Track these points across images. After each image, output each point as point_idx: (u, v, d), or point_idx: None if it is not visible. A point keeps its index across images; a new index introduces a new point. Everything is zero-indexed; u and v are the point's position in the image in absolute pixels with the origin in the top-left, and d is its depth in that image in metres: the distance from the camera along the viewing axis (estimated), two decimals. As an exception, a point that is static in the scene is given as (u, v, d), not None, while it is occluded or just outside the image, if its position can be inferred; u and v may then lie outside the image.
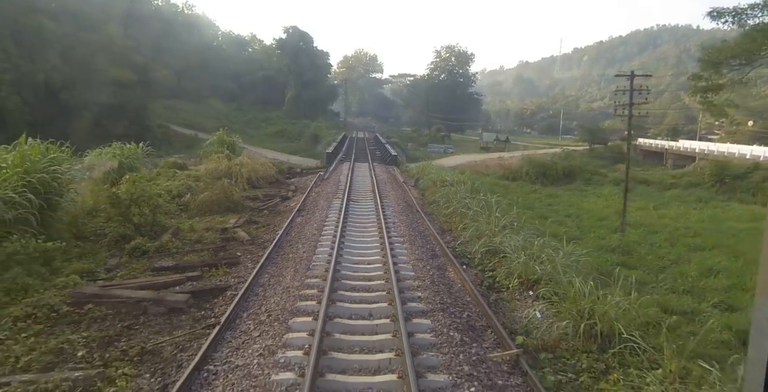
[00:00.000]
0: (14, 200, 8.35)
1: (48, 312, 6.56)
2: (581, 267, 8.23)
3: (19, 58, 39.13)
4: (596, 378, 5.26)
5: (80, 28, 43.15)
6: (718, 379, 4.62)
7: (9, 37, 38.81)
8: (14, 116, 36.90)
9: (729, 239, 17.00)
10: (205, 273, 8.35)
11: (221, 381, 4.62)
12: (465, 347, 5.36)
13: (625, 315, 6.20)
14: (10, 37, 38.87)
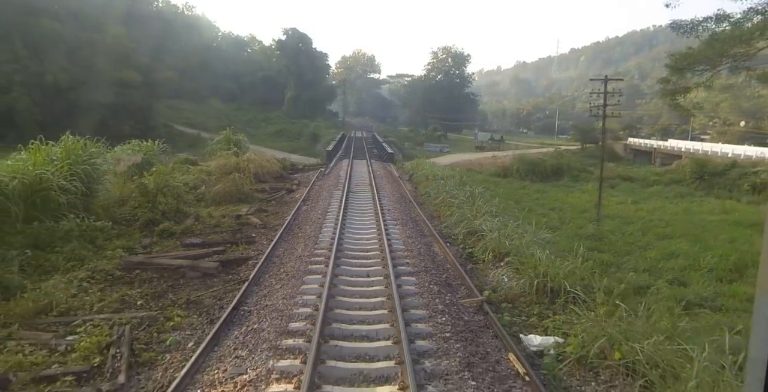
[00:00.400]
0: (66, 187, 9.84)
1: (105, 275, 8.05)
2: (544, 243, 9.75)
3: (29, 59, 40.52)
4: (543, 319, 6.79)
5: (86, 30, 44.55)
6: (628, 314, 6.16)
7: (18, 39, 40.19)
8: (24, 116, 38.28)
9: (696, 229, 18.56)
10: (228, 249, 9.86)
11: (255, 315, 6.14)
12: (441, 295, 6.90)
13: (572, 275, 7.75)
14: (19, 39, 40.25)
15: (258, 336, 5.44)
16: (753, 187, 28.57)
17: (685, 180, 32.18)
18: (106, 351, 5.38)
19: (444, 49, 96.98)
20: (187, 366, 4.81)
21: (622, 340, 5.49)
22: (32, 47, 40.86)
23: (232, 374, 4.64)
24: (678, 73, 16.15)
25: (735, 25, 14.37)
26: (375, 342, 5.35)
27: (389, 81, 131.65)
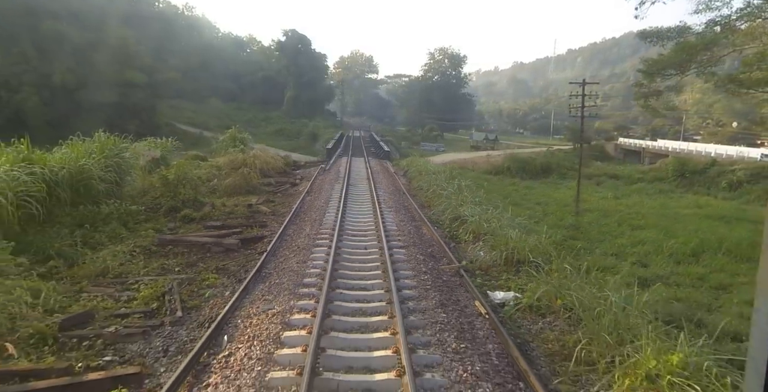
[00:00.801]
0: (103, 176, 11.33)
1: (144, 249, 9.55)
2: (518, 226, 11.30)
3: (37, 60, 41.85)
4: (508, 282, 8.32)
5: (92, 32, 45.87)
6: (570, 270, 7.71)
7: (27, 41, 41.50)
8: (33, 115, 39.63)
9: (667, 221, 20.15)
10: (244, 230, 11.35)
11: (275, 274, 7.66)
12: (426, 263, 8.44)
13: (536, 249, 9.29)
14: (28, 41, 41.56)
15: (280, 287, 6.96)
16: (729, 184, 30.23)
17: (667, 178, 33.83)
18: (161, 299, 6.90)
19: (441, 50, 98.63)
20: (227, 306, 6.33)
21: (564, 292, 7.03)
22: (40, 48, 42.17)
23: (264, 309, 6.16)
24: (649, 78, 17.70)
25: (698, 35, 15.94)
26: (371, 291, 6.89)
27: (387, 81, 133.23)
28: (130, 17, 56.33)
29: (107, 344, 5.65)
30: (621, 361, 5.05)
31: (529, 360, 5.33)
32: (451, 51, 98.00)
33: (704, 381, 4.40)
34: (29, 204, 8.97)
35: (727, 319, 7.09)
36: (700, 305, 10.40)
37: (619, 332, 5.62)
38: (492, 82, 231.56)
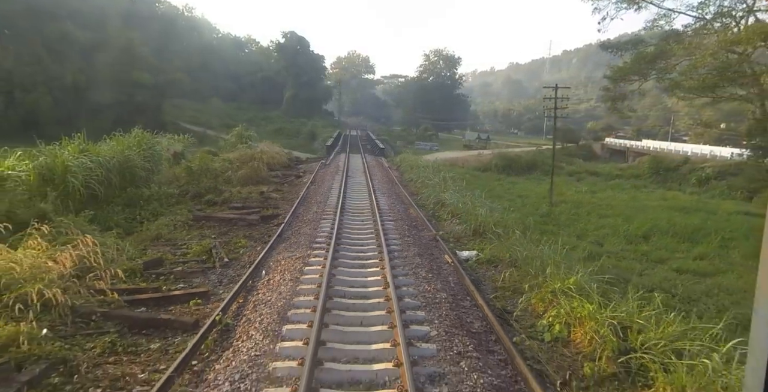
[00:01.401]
0: (143, 165, 13.57)
1: (183, 223, 11.78)
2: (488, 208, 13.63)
3: (50, 62, 43.88)
4: (473, 244, 10.63)
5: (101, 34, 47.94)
6: (520, 236, 10.02)
7: (40, 43, 43.54)
8: (46, 113, 41.66)
9: (631, 211, 22.53)
10: (262, 210, 13.62)
11: (293, 237, 9.95)
12: (410, 232, 10.75)
13: (499, 223, 11.61)
14: (41, 43, 43.60)
15: (298, 244, 9.26)
16: (699, 180, 32.76)
17: (643, 174, 36.34)
18: (209, 253, 9.18)
19: (435, 52, 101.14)
20: (260, 256, 8.60)
21: (512, 250, 9.34)
22: (51, 50, 44.20)
23: (288, 256, 8.44)
24: (614, 83, 20.08)
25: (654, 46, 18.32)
26: (366, 247, 9.18)
27: (383, 81, 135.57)
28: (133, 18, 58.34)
29: (178, 278, 7.93)
30: (538, 286, 7.37)
31: (477, 287, 7.64)
32: (446, 52, 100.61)
33: (584, 292, 6.72)
34: (93, 186, 11.21)
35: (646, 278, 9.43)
36: (634, 271, 12.74)
37: (541, 271, 7.94)
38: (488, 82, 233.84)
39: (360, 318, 5.91)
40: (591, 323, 5.92)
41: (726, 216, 21.67)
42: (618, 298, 6.76)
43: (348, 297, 6.60)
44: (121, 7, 57.68)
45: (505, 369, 5.09)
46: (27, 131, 40.19)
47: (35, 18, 43.79)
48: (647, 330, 5.52)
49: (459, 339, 5.44)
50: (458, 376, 4.63)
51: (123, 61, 46.68)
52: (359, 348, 5.14)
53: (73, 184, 10.66)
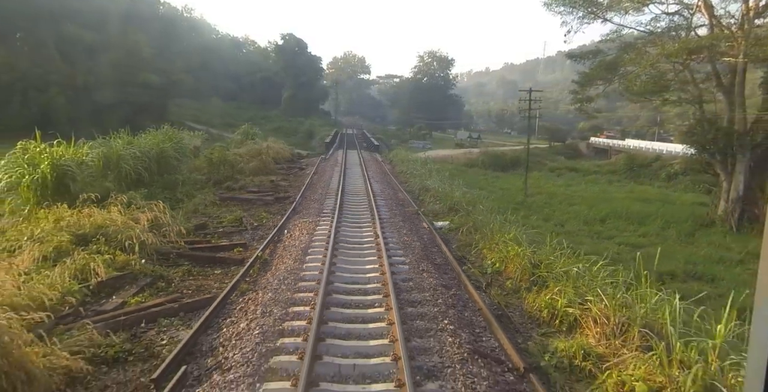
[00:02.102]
0: (175, 155, 16.18)
1: (212, 202, 14.39)
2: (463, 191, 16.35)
3: (62, 63, 46.21)
4: (447, 217, 13.32)
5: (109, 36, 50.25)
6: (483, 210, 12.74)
7: (53, 46, 45.90)
8: (59, 112, 44.00)
9: (598, 201, 25.29)
10: (275, 193, 16.26)
11: (304, 210, 12.63)
12: (397, 208, 13.46)
13: (471, 200, 14.32)
14: (54, 46, 45.96)
15: (309, 215, 11.94)
16: (667, 175, 35.66)
17: (618, 171, 39.23)
18: (240, 220, 11.82)
19: (430, 53, 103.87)
20: (281, 222, 11.26)
21: (474, 219, 12.04)
22: (64, 52, 46.55)
23: (302, 221, 11.11)
24: (582, 87, 22.84)
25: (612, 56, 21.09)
26: (362, 216, 11.87)
27: (379, 81, 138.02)
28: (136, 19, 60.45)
29: (220, 236, 10.58)
30: (487, 240, 10.07)
31: (444, 241, 10.34)
32: (440, 54, 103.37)
33: (518, 240, 9.41)
34: (140, 170, 13.81)
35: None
36: (584, 244, 15.46)
37: (493, 233, 10.64)
38: (482, 82, 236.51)
39: (358, 254, 8.60)
40: (518, 259, 8.62)
41: (680, 205, 24.48)
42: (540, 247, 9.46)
43: (349, 243, 9.28)
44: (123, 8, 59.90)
45: (453, 280, 7.80)
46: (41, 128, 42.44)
47: (48, 21, 46.09)
48: (554, 263, 8.21)
49: (424, 265, 8.14)
50: (420, 280, 7.32)
51: (130, 63, 48.98)
52: (358, 267, 7.83)
53: (126, 169, 13.27)
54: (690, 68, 18.89)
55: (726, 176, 19.43)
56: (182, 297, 7.00)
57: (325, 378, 4.47)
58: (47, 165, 10.79)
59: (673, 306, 5.41)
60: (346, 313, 6.00)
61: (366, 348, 5.08)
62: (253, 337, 5.25)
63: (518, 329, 6.29)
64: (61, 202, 10.10)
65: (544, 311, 6.69)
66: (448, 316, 5.95)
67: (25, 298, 5.56)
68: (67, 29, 47.85)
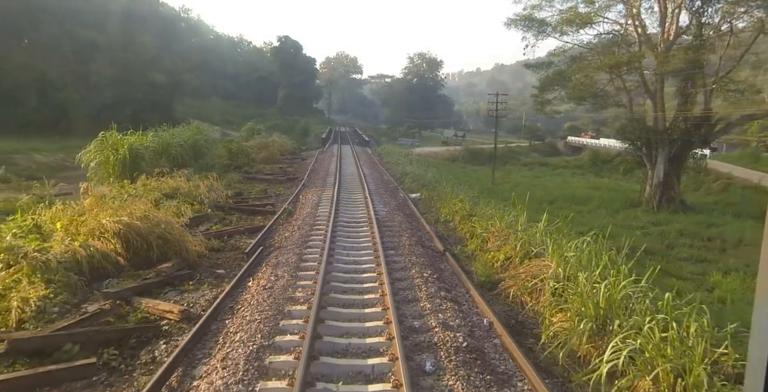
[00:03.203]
0: (206, 145, 20.27)
1: (237, 180, 18.50)
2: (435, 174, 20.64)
3: (75, 63, 49.73)
4: (419, 191, 17.59)
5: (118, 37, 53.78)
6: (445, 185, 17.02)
7: (68, 47, 49.39)
8: (74, 109, 47.56)
9: (556, 189, 29.77)
10: (285, 175, 20.41)
11: (311, 185, 16.85)
12: (382, 185, 17.75)
13: (438, 181, 18.60)
14: (69, 47, 49.45)
15: (316, 187, 16.16)
16: (625, 169, 40.25)
17: (584, 166, 43.84)
18: (265, 190, 16.00)
19: (419, 55, 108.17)
20: (294, 193, 15.45)
21: (441, 193, 16.30)
22: (78, 53, 50.05)
23: (311, 191, 15.31)
24: (540, 92, 27.23)
25: (561, 66, 25.48)
26: (356, 189, 16.11)
27: (370, 81, 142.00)
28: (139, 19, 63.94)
29: (253, 200, 14.74)
30: (443, 202, 14.34)
31: (414, 205, 14.58)
32: (429, 56, 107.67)
33: (467, 206, 13.69)
34: (183, 155, 17.88)
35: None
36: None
37: (450, 199, 14.91)
38: (473, 83, 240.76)
39: (353, 208, 12.84)
40: (461, 212, 12.88)
41: (622, 192, 29.02)
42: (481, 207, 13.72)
43: (347, 202, 13.52)
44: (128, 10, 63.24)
45: (414, 221, 12.07)
46: (56, 124, 46.32)
47: (63, 24, 49.56)
48: (482, 213, 12.45)
49: (396, 213, 12.39)
50: (392, 219, 11.57)
51: (138, 63, 52.62)
52: (353, 213, 12.08)
53: (174, 153, 17.34)
54: (622, 78, 23.32)
55: (650, 166, 23.93)
56: (243, 227, 11.17)
57: (339, 247, 8.71)
58: (126, 149, 14.88)
59: (537, 229, 9.67)
60: (347, 230, 10.24)
61: (359, 242, 9.32)
62: (295, 237, 9.46)
63: (448, 240, 10.58)
64: (136, 175, 14.19)
65: (467, 234, 10.97)
66: (407, 232, 10.22)
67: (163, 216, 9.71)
68: (80, 32, 51.31)
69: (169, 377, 4.60)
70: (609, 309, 5.42)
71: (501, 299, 7.30)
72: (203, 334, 5.51)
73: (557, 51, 24.67)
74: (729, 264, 13.09)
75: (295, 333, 5.25)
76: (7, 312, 5.82)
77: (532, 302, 6.79)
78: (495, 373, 4.75)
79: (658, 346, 4.58)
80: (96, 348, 5.23)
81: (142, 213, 8.62)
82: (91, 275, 7.10)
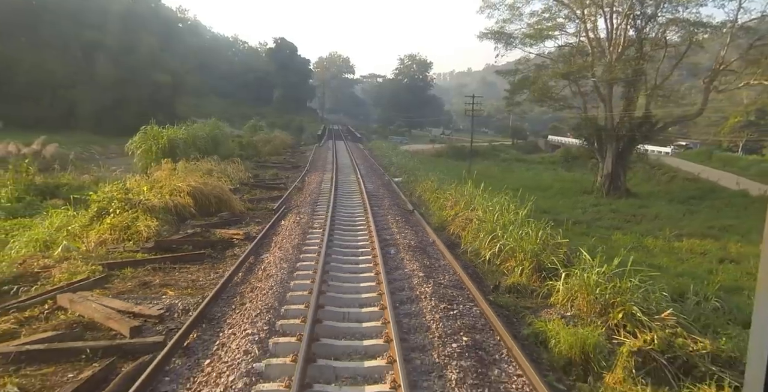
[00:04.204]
0: (221, 137, 23.97)
1: (253, 166, 22.22)
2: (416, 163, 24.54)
3: (85, 63, 52.84)
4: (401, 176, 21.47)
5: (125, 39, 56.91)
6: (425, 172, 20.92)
7: (78, 49, 52.52)
8: (83, 106, 50.66)
9: (525, 180, 33.75)
10: (290, 165, 24.17)
11: (313, 171, 20.69)
12: (372, 171, 21.68)
13: (416, 167, 22.50)
14: (79, 49, 52.57)
15: (317, 172, 20.00)
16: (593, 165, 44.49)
17: (557, 161, 48.02)
18: (277, 174, 19.78)
19: (410, 57, 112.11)
20: (300, 176, 19.25)
21: (419, 177, 20.18)
22: (87, 54, 53.16)
23: (314, 174, 19.13)
24: (511, 95, 31.22)
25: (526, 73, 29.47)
26: (350, 173, 19.96)
27: (362, 80, 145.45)
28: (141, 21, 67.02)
29: (268, 181, 18.51)
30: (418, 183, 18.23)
31: (397, 186, 18.45)
32: (419, 57, 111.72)
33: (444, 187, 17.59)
34: (207, 145, 21.54)
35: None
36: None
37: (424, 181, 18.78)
38: (464, 83, 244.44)
39: (348, 185, 16.68)
40: (430, 189, 16.76)
41: (582, 183, 33.08)
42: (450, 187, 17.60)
43: (343, 181, 17.38)
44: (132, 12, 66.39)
45: (395, 194, 15.97)
46: (67, 121, 49.50)
47: (73, 27, 52.65)
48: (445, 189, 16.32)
49: (381, 189, 16.28)
50: (378, 191, 15.46)
51: (143, 64, 55.79)
52: (348, 187, 15.94)
53: (200, 143, 21.02)
54: (578, 84, 27.35)
55: (601, 159, 28.02)
56: (266, 196, 14.93)
57: (339, 206, 12.56)
58: (165, 139, 18.56)
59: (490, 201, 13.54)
60: (344, 198, 14.10)
61: (353, 204, 13.19)
62: (307, 202, 13.30)
63: (418, 206, 14.47)
64: (173, 160, 17.84)
65: (432, 202, 14.87)
66: (388, 199, 14.11)
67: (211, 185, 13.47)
68: (87, 33, 54.34)
69: (247, 260, 8.34)
70: (499, 228, 9.31)
71: (445, 234, 11.18)
72: (261, 244, 9.29)
73: (522, 60, 28.68)
74: (634, 230, 17.07)
75: (317, 239, 9.09)
76: (138, 233, 9.57)
77: (463, 233, 10.67)
78: (430, 258, 8.60)
79: (519, 243, 8.47)
80: (200, 248, 8.99)
81: (202, 181, 12.39)
82: (177, 217, 10.86)
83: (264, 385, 4.14)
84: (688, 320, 5.73)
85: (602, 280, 6.36)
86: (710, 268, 11.56)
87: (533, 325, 5.90)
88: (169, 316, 5.93)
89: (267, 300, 6.02)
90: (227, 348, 4.87)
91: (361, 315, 5.78)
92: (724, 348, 4.87)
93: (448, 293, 6.65)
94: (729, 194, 26.78)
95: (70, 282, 6.97)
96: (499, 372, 4.58)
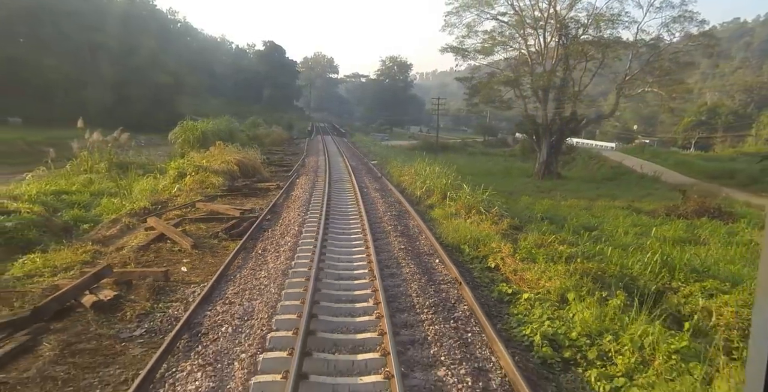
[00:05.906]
0: (235, 130, 30.17)
1: (263, 152, 28.49)
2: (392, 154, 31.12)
3: (92, 64, 57.92)
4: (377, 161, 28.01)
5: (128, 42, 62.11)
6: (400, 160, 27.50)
7: (87, 50, 57.61)
8: (92, 105, 55.74)
9: (483, 169, 40.56)
10: (290, 152, 30.49)
11: (309, 157, 27.12)
12: (356, 158, 28.22)
13: (395, 157, 29.05)
14: (87, 50, 57.67)
15: (312, 156, 26.48)
16: (545, 157, 51.63)
17: (516, 154, 55.13)
18: (283, 158, 26.16)
19: (391, 59, 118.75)
20: (301, 159, 25.64)
21: (390, 161, 26.72)
22: (95, 56, 58.27)
23: (311, 158, 25.55)
24: (469, 97, 37.95)
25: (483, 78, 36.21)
26: (338, 158, 26.44)
27: (346, 80, 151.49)
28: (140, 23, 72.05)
29: (278, 162, 24.88)
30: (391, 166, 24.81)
31: (380, 172, 24.96)
32: (400, 59, 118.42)
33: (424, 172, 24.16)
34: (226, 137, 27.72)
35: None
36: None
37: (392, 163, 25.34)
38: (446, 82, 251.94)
39: (337, 164, 23.21)
40: (397, 167, 23.33)
41: (526, 170, 40.01)
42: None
43: (333, 162, 23.90)
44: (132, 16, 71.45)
45: (371, 171, 22.54)
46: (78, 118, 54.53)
47: (83, 31, 57.70)
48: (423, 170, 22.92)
49: (361, 167, 22.91)
50: (360, 168, 22.03)
51: (146, 65, 61.11)
52: (338, 165, 22.48)
53: (222, 135, 27.19)
54: (520, 89, 34.22)
55: (539, 150, 34.98)
56: (280, 169, 21.30)
57: (333, 172, 19.10)
58: (199, 131, 24.75)
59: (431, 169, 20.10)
60: (335, 170, 20.61)
61: (341, 173, 19.74)
62: (311, 171, 19.79)
63: (385, 176, 21.05)
64: (205, 148, 24.02)
65: (396, 174, 21.45)
66: (365, 171, 20.76)
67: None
68: (93, 37, 59.39)
69: (283, 194, 14.70)
70: (428, 180, 15.90)
71: (399, 188, 17.77)
72: (288, 189, 15.68)
73: (475, 69, 35.51)
74: (542, 196, 23.89)
75: (321, 187, 15.58)
76: (212, 184, 15.90)
77: (409, 186, 17.21)
78: (387, 193, 15.16)
79: (436, 184, 15.11)
80: (252, 192, 15.38)
81: (240, 156, 18.76)
82: (230, 177, 17.22)
83: (308, 226, 10.58)
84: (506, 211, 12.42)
85: (471, 198, 13.01)
86: (560, 208, 18.32)
87: (429, 214, 12.53)
88: (253, 210, 12.37)
89: (299, 205, 12.50)
90: (287, 216, 11.33)
91: (349, 208, 12.32)
92: (504, 208, 11.59)
93: (394, 204, 13.24)
94: (635, 177, 34.03)
95: (194, 200, 13.34)
96: (406, 220, 11.18)
